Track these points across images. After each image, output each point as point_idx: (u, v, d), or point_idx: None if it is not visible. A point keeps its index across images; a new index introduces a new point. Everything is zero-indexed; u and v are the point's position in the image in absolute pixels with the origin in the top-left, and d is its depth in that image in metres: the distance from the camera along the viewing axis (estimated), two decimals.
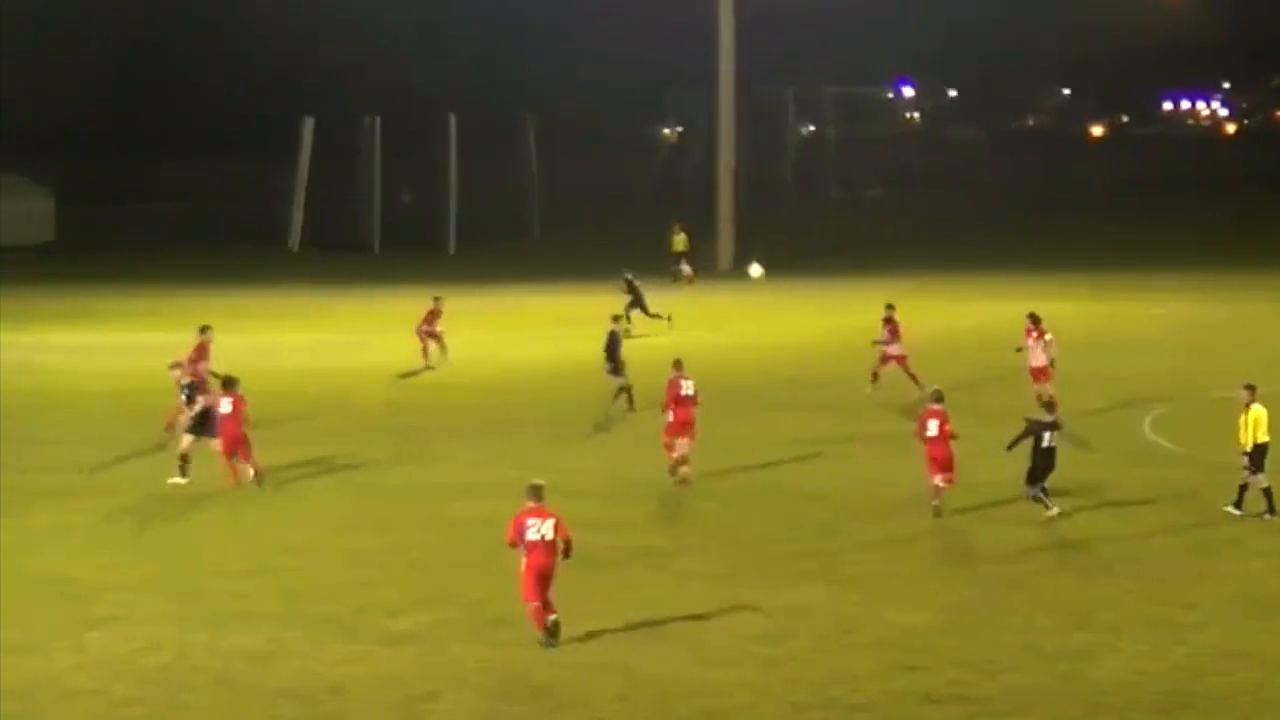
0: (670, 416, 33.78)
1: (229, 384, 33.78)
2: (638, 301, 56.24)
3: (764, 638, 23.72)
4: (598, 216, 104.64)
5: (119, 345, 56.23)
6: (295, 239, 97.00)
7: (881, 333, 43.13)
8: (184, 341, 39.87)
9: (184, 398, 34.27)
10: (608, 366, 41.41)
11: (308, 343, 56.10)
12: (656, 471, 33.50)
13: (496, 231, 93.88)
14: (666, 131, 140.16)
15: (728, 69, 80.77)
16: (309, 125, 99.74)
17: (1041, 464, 29.85)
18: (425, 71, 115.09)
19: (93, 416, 42.69)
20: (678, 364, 34.71)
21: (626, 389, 40.90)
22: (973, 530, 29.54)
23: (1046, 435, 29.86)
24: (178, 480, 33.19)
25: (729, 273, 77.36)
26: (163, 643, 23.77)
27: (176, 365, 35.94)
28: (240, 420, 33.24)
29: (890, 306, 43.50)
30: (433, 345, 49.03)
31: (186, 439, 33.62)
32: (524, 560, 23.39)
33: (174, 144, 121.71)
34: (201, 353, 38.82)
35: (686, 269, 72.58)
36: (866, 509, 31.09)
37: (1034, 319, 41.39)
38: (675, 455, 33.65)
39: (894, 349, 42.88)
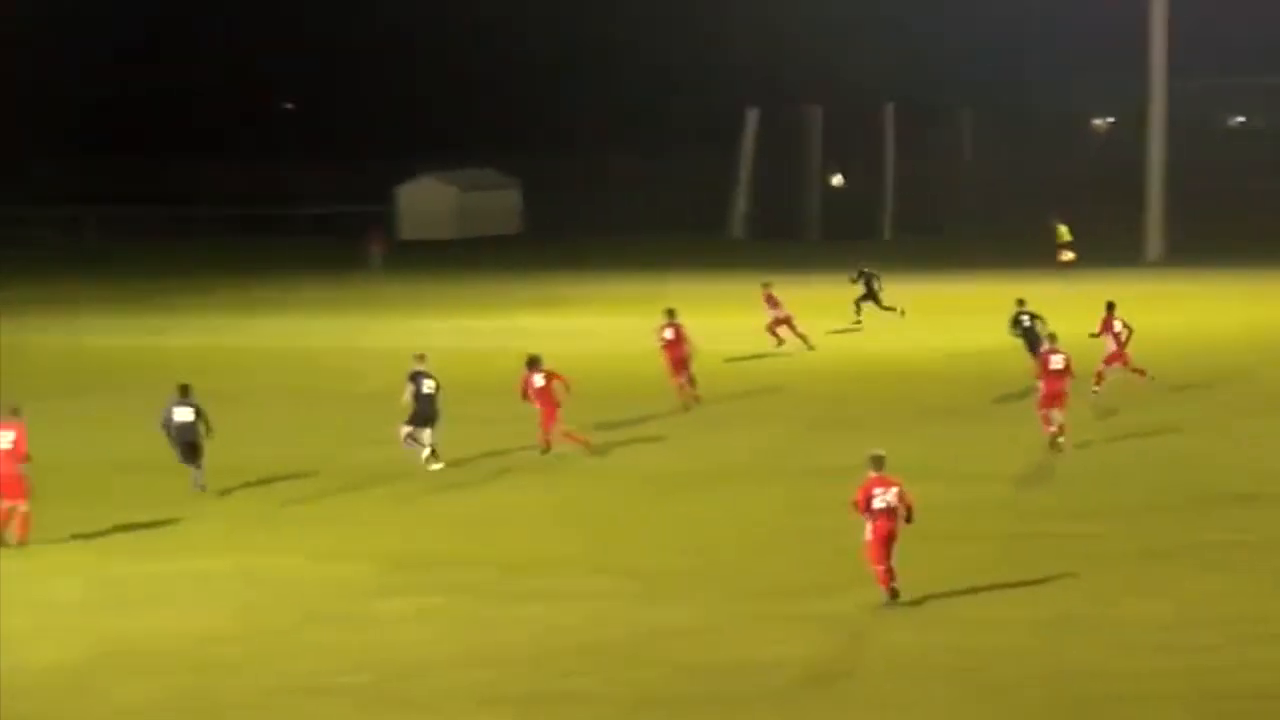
0: (1042, 388, 36.03)
1: (533, 363, 36.60)
2: (871, 295, 56.08)
3: (1170, 626, 23.92)
4: (1028, 206, 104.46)
5: (580, 329, 58.73)
6: (738, 227, 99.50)
7: None
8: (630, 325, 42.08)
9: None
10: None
11: (745, 327, 58.13)
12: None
13: (930, 220, 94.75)
14: (1097, 122, 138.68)
15: (1159, 59, 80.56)
16: (753, 116, 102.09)
17: None
18: (864, 63, 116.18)
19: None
20: (1051, 337, 38.11)
21: None
22: None
23: None
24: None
25: (1156, 263, 77.66)
26: (608, 618, 24.84)
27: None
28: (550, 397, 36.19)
29: None
30: (784, 331, 51.10)
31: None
32: (869, 526, 24.86)
33: (623, 136, 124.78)
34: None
35: (1068, 255, 73.66)
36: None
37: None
38: (1051, 429, 35.58)
39: None
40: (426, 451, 35.34)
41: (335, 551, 29.21)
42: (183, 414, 33.99)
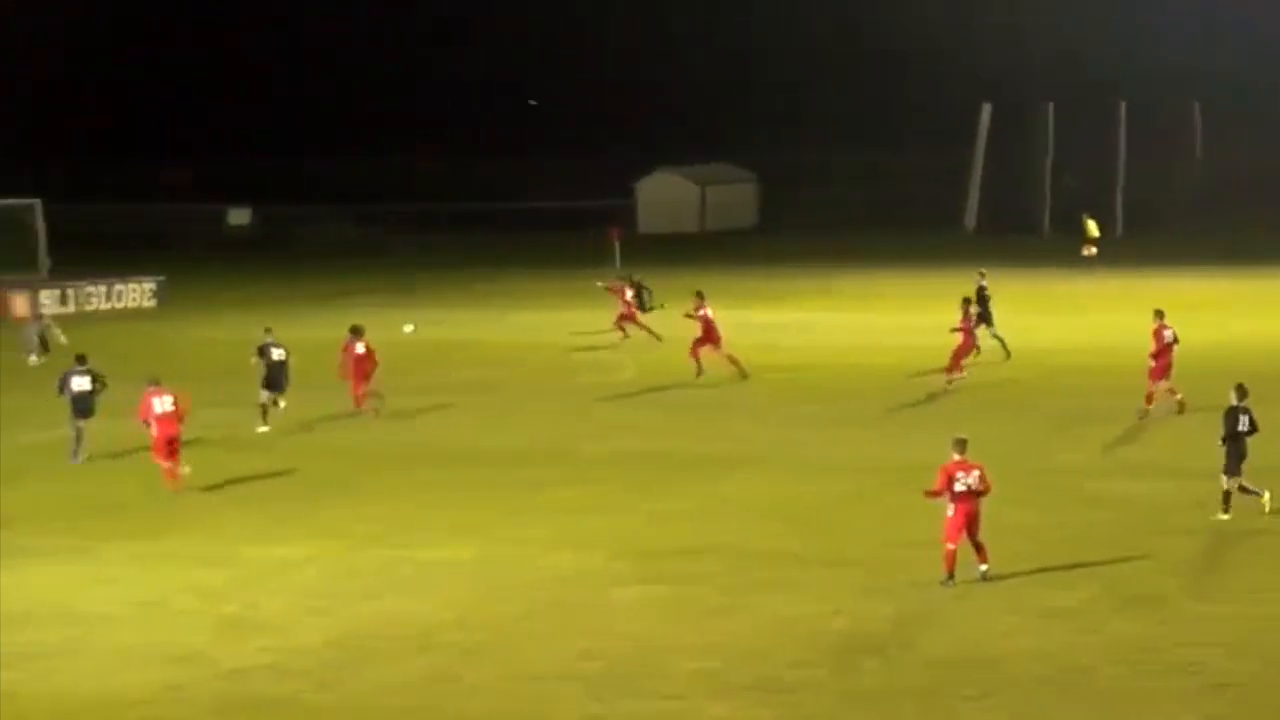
0: (1152, 363, 38.46)
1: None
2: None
3: None
4: (1269, 201, 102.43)
5: (810, 323, 58.53)
6: (971, 221, 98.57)
7: None
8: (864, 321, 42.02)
9: None
10: None
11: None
12: None
13: (1161, 215, 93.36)
14: None
15: None
16: (986, 111, 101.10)
17: None
18: (1097, 58, 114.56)
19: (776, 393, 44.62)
20: (1159, 313, 39.65)
21: None
22: None
23: None
24: None
25: None
26: (832, 608, 24.73)
27: None
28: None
29: None
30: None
31: None
32: (951, 508, 25.21)
33: (859, 130, 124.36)
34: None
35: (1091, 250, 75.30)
36: None
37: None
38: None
39: None
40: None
41: (568, 540, 29.34)
42: (80, 383, 36.06)
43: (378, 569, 27.56)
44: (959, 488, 25.32)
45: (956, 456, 25.54)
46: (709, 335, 45.80)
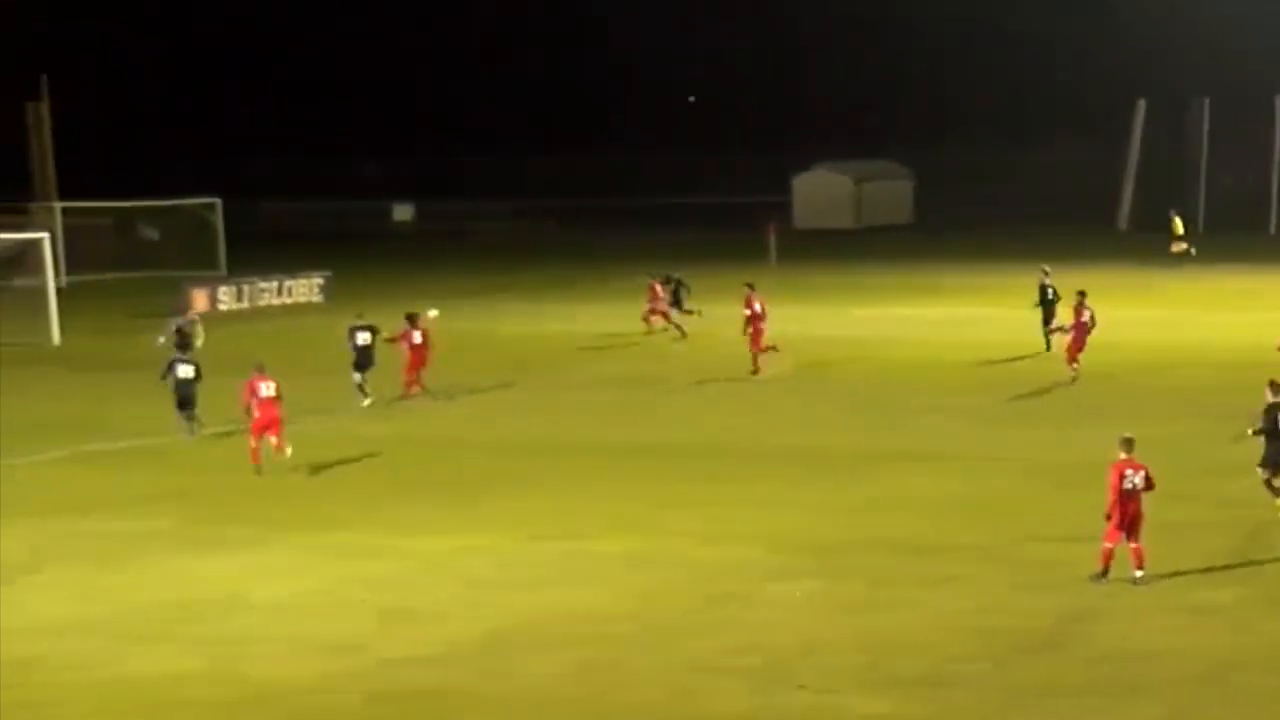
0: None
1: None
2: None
3: None
4: None
5: (959, 319, 58.34)
6: (1124, 219, 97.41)
7: None
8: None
9: None
10: None
11: (1133, 319, 57.15)
12: None
13: None
14: None
15: None
16: (1141, 107, 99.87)
17: None
18: (1255, 56, 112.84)
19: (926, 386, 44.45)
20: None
21: None
22: None
23: None
24: None
25: None
26: (994, 604, 24.54)
27: None
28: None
29: None
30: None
31: None
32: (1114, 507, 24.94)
33: (1013, 126, 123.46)
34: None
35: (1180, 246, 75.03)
36: None
37: None
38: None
39: None
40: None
41: (726, 534, 29.30)
42: (185, 370, 38.47)
43: (538, 561, 27.69)
44: (1126, 486, 25.11)
45: (1124, 455, 25.30)
46: (756, 326, 46.70)
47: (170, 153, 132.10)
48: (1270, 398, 29.31)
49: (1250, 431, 29.69)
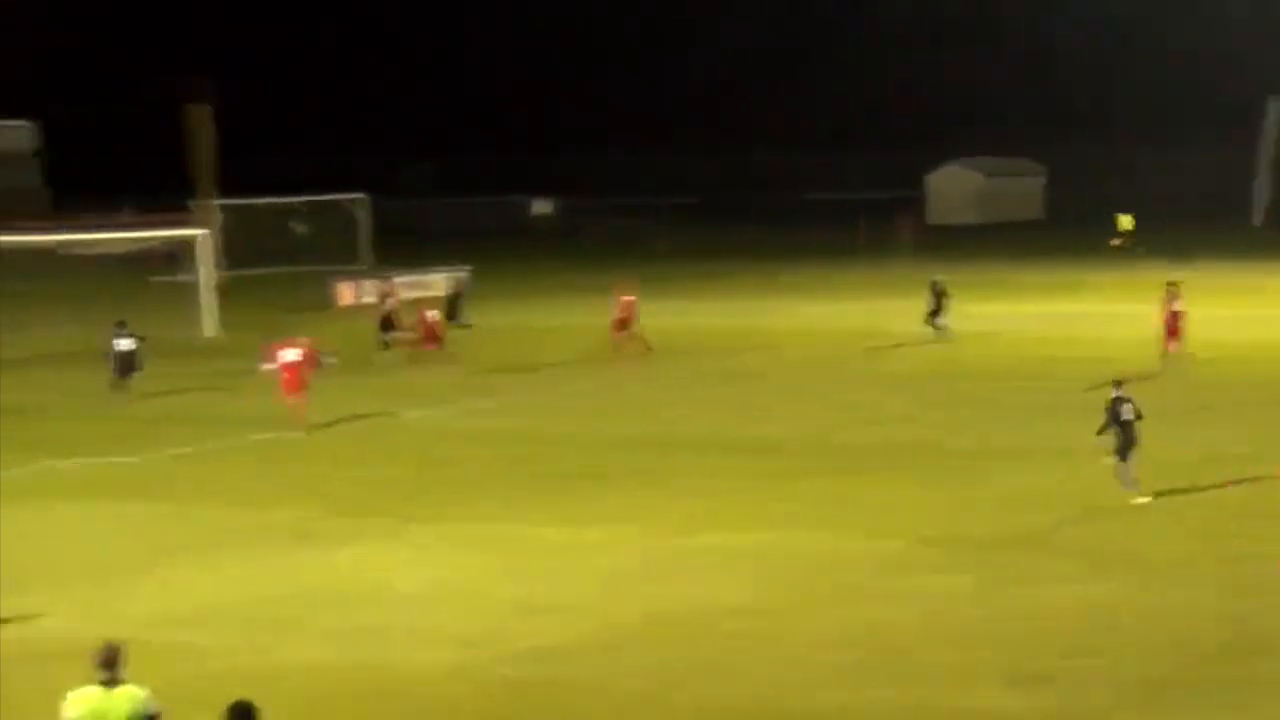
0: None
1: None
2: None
3: None
4: None
5: (1097, 315, 57.59)
6: (1260, 216, 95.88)
7: None
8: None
9: None
10: None
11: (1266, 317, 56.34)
12: None
13: None
14: None
15: None
16: (1275, 105, 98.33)
17: None
18: None
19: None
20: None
21: None
22: None
23: None
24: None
25: None
26: (1123, 601, 23.79)
27: None
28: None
29: None
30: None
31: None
32: None
33: (1146, 124, 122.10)
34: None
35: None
36: None
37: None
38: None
39: None
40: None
41: (851, 529, 28.83)
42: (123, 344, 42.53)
43: (666, 555, 27.35)
44: None
45: None
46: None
47: (321, 150, 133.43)
48: None
49: None
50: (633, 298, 50.46)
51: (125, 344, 43.92)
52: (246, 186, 78.03)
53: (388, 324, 51.17)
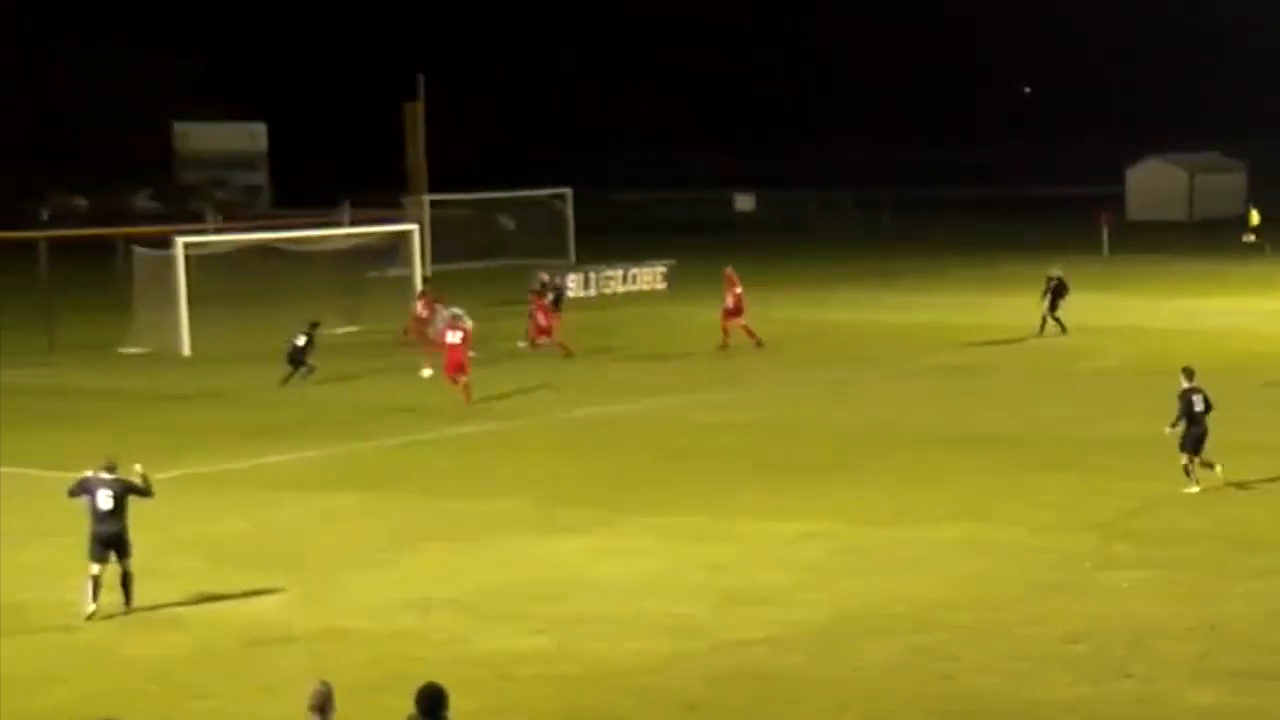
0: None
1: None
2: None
3: None
4: None
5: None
6: None
7: None
8: None
9: None
10: None
11: None
12: None
13: None
14: None
15: None
16: None
17: None
18: None
19: None
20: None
21: None
22: None
23: None
24: None
25: None
26: None
27: None
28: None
29: None
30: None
31: None
32: None
33: None
34: None
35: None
36: None
37: None
38: None
39: None
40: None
41: (1059, 523, 28.62)
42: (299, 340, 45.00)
43: (874, 547, 27.36)
44: None
45: None
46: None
47: (528, 147, 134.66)
48: None
49: None
50: (740, 289, 49.91)
51: (300, 340, 45.44)
52: (458, 182, 78.94)
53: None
